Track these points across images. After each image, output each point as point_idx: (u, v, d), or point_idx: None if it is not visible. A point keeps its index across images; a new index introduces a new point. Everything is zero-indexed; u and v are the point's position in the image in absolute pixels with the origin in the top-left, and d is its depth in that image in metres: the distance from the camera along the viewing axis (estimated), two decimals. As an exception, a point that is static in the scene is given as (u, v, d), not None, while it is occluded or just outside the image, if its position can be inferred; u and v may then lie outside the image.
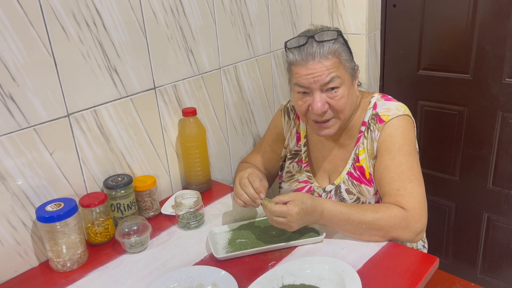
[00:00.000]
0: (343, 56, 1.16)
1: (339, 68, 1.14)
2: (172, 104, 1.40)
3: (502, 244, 1.99)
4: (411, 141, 1.19)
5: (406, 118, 1.20)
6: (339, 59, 1.14)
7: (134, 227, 1.16)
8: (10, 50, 1.01)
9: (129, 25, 1.23)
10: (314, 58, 1.13)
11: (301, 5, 1.81)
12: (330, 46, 1.13)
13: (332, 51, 1.13)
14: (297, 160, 1.40)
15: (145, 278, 1.06)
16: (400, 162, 1.16)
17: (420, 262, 1.06)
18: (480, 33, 1.77)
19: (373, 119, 1.23)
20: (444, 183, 2.06)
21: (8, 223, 1.08)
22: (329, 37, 1.14)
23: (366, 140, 1.24)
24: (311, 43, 1.14)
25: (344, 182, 1.28)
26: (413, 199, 1.12)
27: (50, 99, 1.10)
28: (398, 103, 1.24)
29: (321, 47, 1.13)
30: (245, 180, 1.17)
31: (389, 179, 1.16)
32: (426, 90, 1.98)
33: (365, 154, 1.24)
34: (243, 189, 1.17)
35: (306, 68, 1.14)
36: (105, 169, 1.26)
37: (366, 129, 1.24)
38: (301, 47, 1.14)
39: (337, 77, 1.14)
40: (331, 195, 1.30)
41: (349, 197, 1.27)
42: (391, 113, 1.20)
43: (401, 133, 1.18)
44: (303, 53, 1.14)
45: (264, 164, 1.46)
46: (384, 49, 2.05)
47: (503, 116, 1.81)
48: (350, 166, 1.27)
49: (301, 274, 1.01)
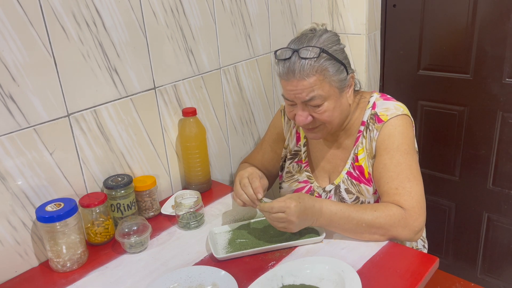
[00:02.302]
0: (329, 71, 1.13)
1: (322, 84, 1.13)
2: (172, 104, 1.40)
3: (502, 244, 1.99)
4: (409, 140, 1.19)
5: (404, 118, 1.20)
6: (323, 75, 1.13)
7: (134, 227, 1.16)
8: (10, 50, 1.01)
9: (129, 25, 1.23)
10: (295, 75, 1.12)
11: (301, 5, 1.81)
12: (312, 64, 1.11)
13: (315, 69, 1.11)
14: (297, 160, 1.40)
15: (145, 278, 1.06)
16: (399, 162, 1.16)
17: (420, 262, 1.06)
18: (480, 33, 1.77)
19: (372, 119, 1.23)
20: (444, 183, 2.06)
21: (8, 223, 1.08)
22: (311, 55, 1.11)
23: (365, 140, 1.24)
24: (295, 56, 1.12)
25: (344, 181, 1.28)
26: (411, 198, 1.12)
27: (50, 99, 1.10)
28: (397, 103, 1.24)
29: (303, 64, 1.11)
30: (245, 180, 1.18)
31: (388, 178, 1.16)
32: (426, 90, 1.98)
33: (364, 153, 1.24)
34: (242, 189, 1.17)
35: (288, 84, 1.14)
36: (105, 169, 1.26)
37: (365, 128, 1.24)
38: (285, 60, 1.14)
39: (318, 96, 1.13)
40: (331, 195, 1.31)
41: (349, 197, 1.27)
42: (389, 112, 1.21)
43: (399, 132, 1.18)
44: (285, 68, 1.14)
45: (265, 164, 1.46)
46: (384, 49, 2.05)
47: (503, 116, 1.81)
48: (349, 166, 1.27)
49: (301, 274, 1.01)
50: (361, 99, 1.28)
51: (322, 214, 1.10)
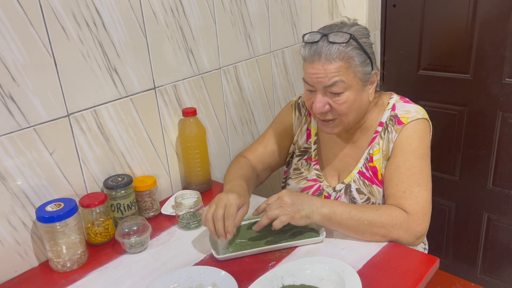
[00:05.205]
0: (355, 61, 1.12)
1: (346, 72, 1.12)
2: (172, 104, 1.40)
3: (502, 244, 1.99)
4: (426, 145, 1.19)
5: (425, 122, 1.20)
6: (348, 63, 1.11)
7: (134, 227, 1.16)
8: (10, 50, 1.01)
9: (129, 25, 1.23)
10: (320, 58, 1.11)
11: (301, 5, 1.81)
12: (339, 49, 1.10)
13: (341, 55, 1.10)
14: (306, 157, 1.37)
15: (145, 278, 1.06)
16: (412, 165, 1.16)
17: (421, 262, 1.06)
18: (480, 33, 1.77)
19: (392, 120, 1.22)
20: (444, 183, 2.07)
21: (8, 223, 1.08)
22: (341, 40, 1.11)
23: (382, 141, 1.23)
24: (323, 41, 1.12)
25: (355, 181, 1.26)
26: (417, 203, 1.12)
27: (50, 99, 1.10)
28: (417, 106, 1.24)
29: (330, 48, 1.10)
30: (220, 212, 1.08)
31: (398, 180, 1.16)
32: (426, 90, 1.98)
33: (379, 154, 1.23)
34: (214, 221, 1.08)
35: (312, 67, 1.13)
36: (105, 169, 1.26)
37: (383, 129, 1.23)
38: (312, 44, 1.13)
39: (341, 82, 1.12)
40: (341, 194, 1.29)
41: (360, 197, 1.26)
42: (410, 115, 1.20)
43: (418, 136, 1.18)
44: (312, 51, 1.12)
45: (264, 156, 1.40)
46: (384, 49, 2.05)
47: (503, 116, 1.82)
48: (362, 166, 1.26)
49: (301, 275, 1.01)
50: (379, 99, 1.27)
51: (324, 204, 1.10)
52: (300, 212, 1.08)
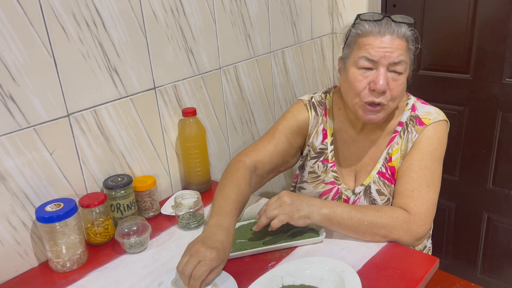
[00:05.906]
0: (410, 47, 1.16)
1: (407, 54, 1.15)
2: (172, 104, 1.40)
3: (502, 244, 1.99)
4: (443, 148, 1.20)
5: (445, 124, 1.22)
6: (408, 46, 1.15)
7: (134, 228, 1.16)
8: (10, 50, 1.01)
9: (129, 25, 1.23)
10: (392, 33, 1.12)
11: (301, 5, 1.81)
12: (406, 28, 1.13)
13: (407, 35, 1.14)
14: (322, 159, 1.33)
15: (145, 278, 1.06)
16: (426, 165, 1.16)
17: (421, 262, 1.06)
18: (480, 33, 1.77)
19: (412, 121, 1.22)
20: (444, 183, 2.05)
21: (8, 223, 1.08)
22: (406, 21, 1.14)
23: (401, 140, 1.23)
24: (387, 20, 1.13)
25: (375, 182, 1.25)
26: (422, 204, 1.12)
27: (50, 99, 1.10)
28: (435, 108, 1.24)
29: (399, 27, 1.12)
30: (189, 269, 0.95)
31: (408, 178, 1.16)
32: (426, 90, 1.98)
33: (398, 154, 1.23)
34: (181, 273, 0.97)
35: (380, 41, 1.12)
36: (105, 169, 1.26)
37: (403, 129, 1.23)
38: (377, 21, 1.13)
39: (404, 62, 1.13)
40: (360, 196, 1.27)
41: (380, 198, 1.24)
42: (432, 116, 1.21)
43: (438, 138, 1.19)
44: (378, 25, 1.12)
45: (274, 156, 1.30)
46: (384, 49, 2.05)
47: (503, 116, 1.81)
48: (381, 166, 1.25)
49: (301, 275, 1.01)
50: None
51: (324, 204, 1.10)
52: (299, 212, 1.08)
